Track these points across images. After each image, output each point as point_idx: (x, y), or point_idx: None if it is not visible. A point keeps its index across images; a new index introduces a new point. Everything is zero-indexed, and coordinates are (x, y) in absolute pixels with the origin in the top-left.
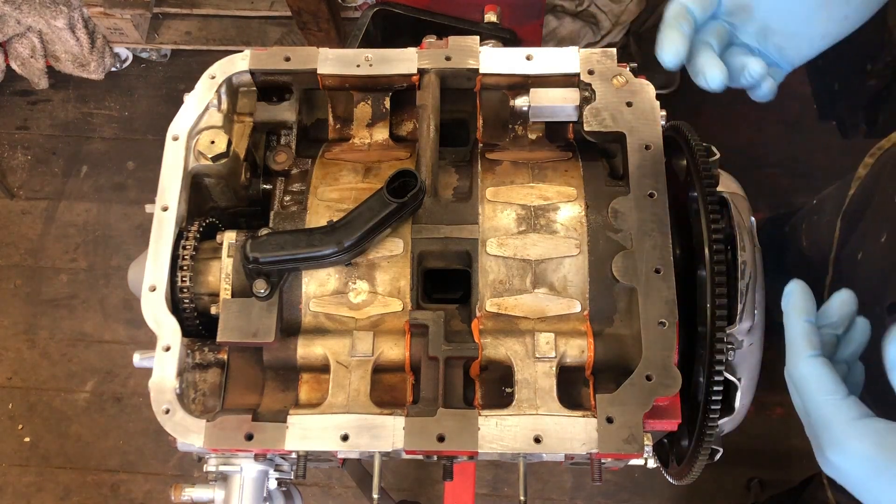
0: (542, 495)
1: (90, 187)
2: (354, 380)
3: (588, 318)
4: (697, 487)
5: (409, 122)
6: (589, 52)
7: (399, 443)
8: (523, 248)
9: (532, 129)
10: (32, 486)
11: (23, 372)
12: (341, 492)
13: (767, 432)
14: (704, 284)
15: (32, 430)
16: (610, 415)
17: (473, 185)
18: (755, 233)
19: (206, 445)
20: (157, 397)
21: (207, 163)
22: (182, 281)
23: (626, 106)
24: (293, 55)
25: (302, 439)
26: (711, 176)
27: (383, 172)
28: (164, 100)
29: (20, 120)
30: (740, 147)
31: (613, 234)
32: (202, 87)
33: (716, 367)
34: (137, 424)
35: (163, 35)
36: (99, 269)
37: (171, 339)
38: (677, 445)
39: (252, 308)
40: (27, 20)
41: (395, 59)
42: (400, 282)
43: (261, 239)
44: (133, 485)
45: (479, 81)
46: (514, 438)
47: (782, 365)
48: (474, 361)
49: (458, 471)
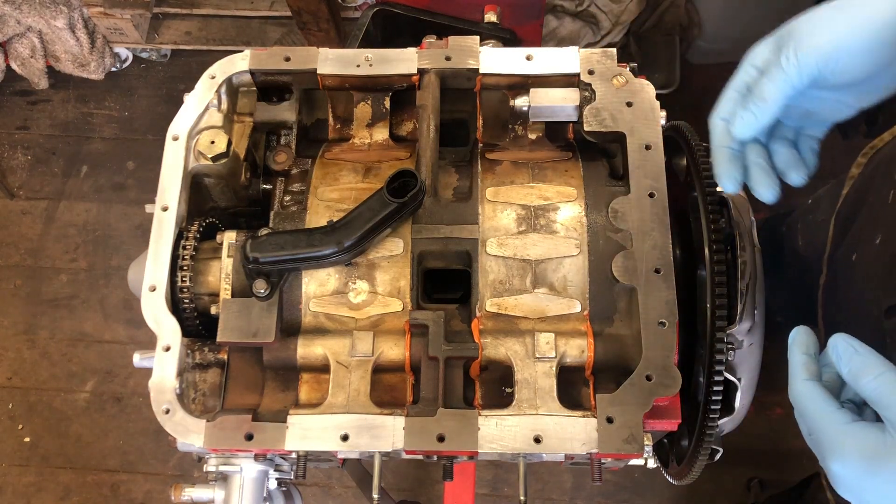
0: (542, 495)
1: (90, 187)
2: (354, 380)
3: (588, 318)
4: (697, 487)
5: (409, 122)
6: (589, 52)
7: (399, 443)
8: (523, 248)
9: (532, 129)
10: (32, 486)
11: (23, 372)
12: (341, 492)
13: (767, 432)
14: (704, 284)
15: (32, 430)
16: (610, 415)
17: (473, 185)
18: (755, 233)
19: (206, 445)
20: (157, 397)
21: (207, 163)
22: (182, 281)
23: (626, 106)
24: (293, 55)
25: (302, 439)
26: (711, 176)
27: (383, 172)
28: (164, 100)
29: (20, 120)
30: None
31: (613, 234)
32: (202, 87)
33: (716, 367)
34: (137, 424)
35: (163, 35)
36: (99, 269)
37: (171, 339)
38: (677, 445)
39: (252, 308)
40: (27, 20)
41: (395, 59)
42: (400, 282)
43: (261, 239)
44: (133, 485)
45: (479, 81)
46: (514, 438)
47: (782, 365)
48: (474, 361)
49: (458, 471)
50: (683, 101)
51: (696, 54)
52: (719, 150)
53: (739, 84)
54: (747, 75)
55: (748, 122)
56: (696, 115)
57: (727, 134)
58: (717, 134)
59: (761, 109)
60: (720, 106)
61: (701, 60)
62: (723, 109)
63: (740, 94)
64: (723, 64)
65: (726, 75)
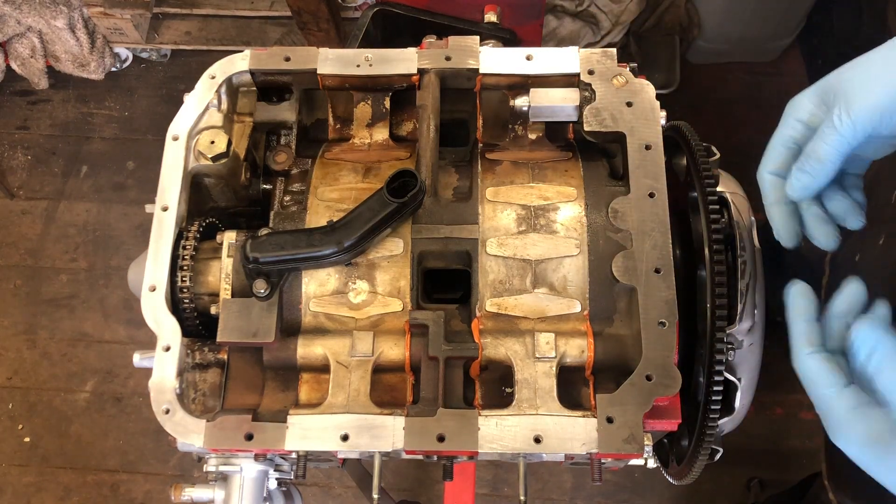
0: (542, 495)
1: (90, 187)
2: (354, 380)
3: (588, 318)
4: (697, 487)
5: (409, 122)
6: (589, 52)
7: (399, 443)
8: (523, 248)
9: (532, 129)
10: (32, 486)
11: (23, 372)
12: (341, 492)
13: (767, 432)
14: (704, 284)
15: (32, 430)
16: (610, 415)
17: (473, 185)
18: (755, 233)
19: (206, 445)
20: (157, 397)
21: (207, 163)
22: (182, 281)
23: (626, 106)
24: (293, 55)
25: (302, 439)
26: (711, 176)
27: (383, 172)
28: (164, 100)
29: (20, 120)
30: (740, 147)
31: (613, 234)
32: (202, 87)
33: (716, 367)
34: (137, 424)
35: (163, 35)
36: (99, 269)
37: (171, 339)
38: (677, 445)
39: (252, 308)
40: (27, 20)
41: (395, 59)
42: (400, 282)
43: (261, 239)
44: (133, 485)
45: (479, 81)
46: (514, 438)
47: (782, 365)
48: (474, 361)
49: (458, 471)
50: (683, 101)
51: (696, 54)
52: (776, 208)
53: (786, 139)
54: (794, 130)
55: (806, 183)
56: (696, 115)
57: (780, 190)
58: (771, 190)
59: (818, 171)
60: (767, 160)
61: (701, 60)
62: (771, 164)
63: (788, 150)
64: (723, 64)
65: (726, 75)
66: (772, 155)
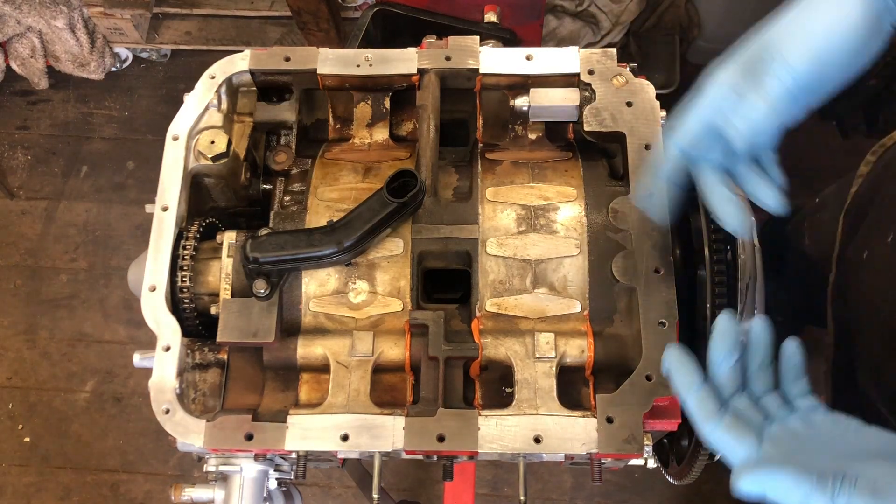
0: (542, 495)
1: (90, 187)
2: (354, 380)
3: (588, 318)
4: (697, 487)
5: (409, 122)
6: (589, 52)
7: (399, 443)
8: (523, 248)
9: (532, 129)
10: (32, 486)
11: (23, 372)
12: (341, 492)
13: None
14: (704, 284)
15: (32, 430)
16: (610, 415)
17: (473, 185)
18: (755, 233)
19: (206, 445)
20: (157, 397)
21: (207, 163)
22: (182, 281)
23: (626, 106)
24: (293, 55)
25: (302, 439)
26: None
27: (383, 172)
28: (164, 100)
29: (20, 120)
30: None
31: (613, 234)
32: (202, 87)
33: None
34: (137, 424)
35: (163, 35)
36: (99, 269)
37: (171, 339)
38: (677, 445)
39: (252, 308)
40: (27, 20)
41: (395, 59)
42: (400, 282)
43: (261, 239)
44: (133, 485)
45: (479, 81)
46: (514, 438)
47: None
48: (474, 361)
49: (458, 471)
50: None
51: (696, 54)
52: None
53: (703, 116)
54: (714, 104)
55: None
56: None
57: (684, 170)
58: (673, 167)
59: (753, 139)
60: (684, 134)
61: (701, 60)
62: (686, 139)
63: (705, 128)
64: None
65: None
66: (685, 130)
